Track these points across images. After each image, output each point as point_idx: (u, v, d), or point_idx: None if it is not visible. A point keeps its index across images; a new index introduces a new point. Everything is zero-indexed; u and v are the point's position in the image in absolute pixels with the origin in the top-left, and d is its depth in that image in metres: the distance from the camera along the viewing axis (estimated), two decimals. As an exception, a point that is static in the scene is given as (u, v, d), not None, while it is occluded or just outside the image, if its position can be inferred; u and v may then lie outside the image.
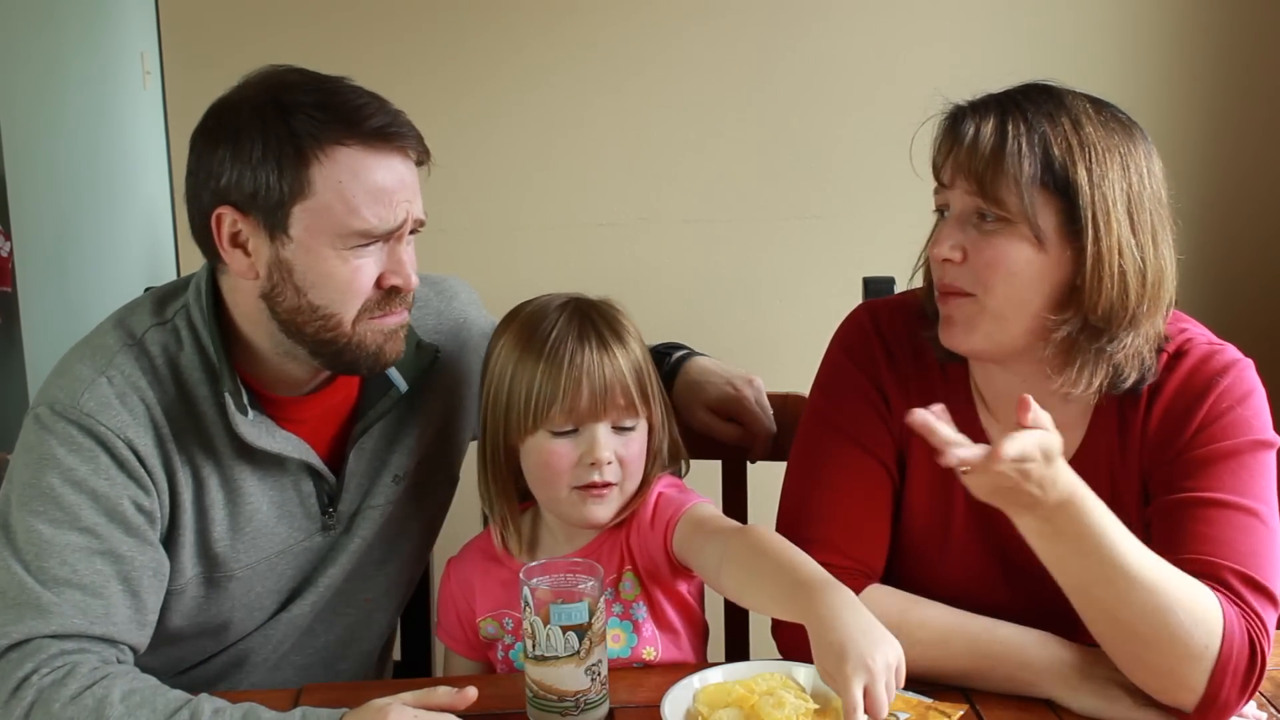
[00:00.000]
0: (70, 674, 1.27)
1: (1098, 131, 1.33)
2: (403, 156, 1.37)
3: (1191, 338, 1.41)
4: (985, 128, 1.33)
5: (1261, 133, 2.59)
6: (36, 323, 3.93)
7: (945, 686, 1.36)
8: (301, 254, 1.35)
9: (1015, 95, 1.36)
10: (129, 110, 4.97)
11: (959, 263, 1.35)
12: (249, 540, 1.46)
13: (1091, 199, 1.31)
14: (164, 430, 1.39)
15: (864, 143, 2.52)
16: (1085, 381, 1.35)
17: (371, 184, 1.34)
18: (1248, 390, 1.38)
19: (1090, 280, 1.32)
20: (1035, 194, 1.31)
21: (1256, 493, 1.33)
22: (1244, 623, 1.27)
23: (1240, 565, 1.29)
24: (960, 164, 1.34)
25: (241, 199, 1.34)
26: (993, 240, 1.33)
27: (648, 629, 1.50)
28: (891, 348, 1.49)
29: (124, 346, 1.40)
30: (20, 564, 1.32)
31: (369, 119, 1.34)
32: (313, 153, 1.32)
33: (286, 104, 1.33)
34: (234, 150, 1.34)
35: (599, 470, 1.44)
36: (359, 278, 1.36)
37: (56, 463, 1.34)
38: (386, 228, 1.35)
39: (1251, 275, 2.60)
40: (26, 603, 1.30)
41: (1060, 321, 1.34)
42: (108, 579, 1.34)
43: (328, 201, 1.33)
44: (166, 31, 2.45)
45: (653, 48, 2.49)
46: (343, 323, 1.37)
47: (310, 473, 1.49)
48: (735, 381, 1.70)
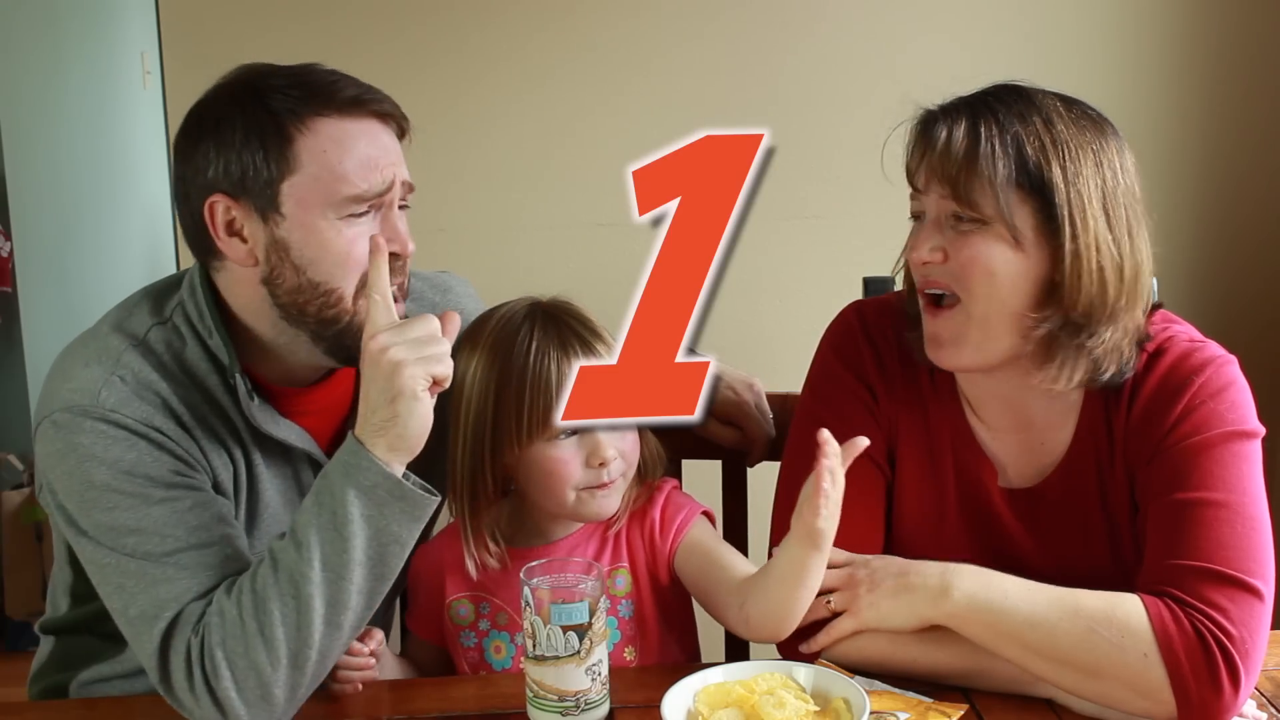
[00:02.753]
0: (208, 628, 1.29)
1: (1069, 129, 1.33)
2: (382, 123, 1.39)
3: (1173, 336, 1.41)
4: (957, 131, 1.33)
5: (1261, 133, 2.59)
6: (36, 323, 3.93)
7: (945, 686, 1.36)
8: (297, 230, 1.35)
9: (985, 97, 1.36)
10: (129, 110, 4.96)
11: (940, 263, 1.36)
12: (263, 528, 1.47)
13: (1067, 197, 1.31)
14: (185, 419, 1.39)
15: (864, 143, 2.50)
16: (1066, 377, 1.36)
17: (356, 150, 1.36)
18: (1224, 385, 1.37)
19: (1070, 277, 1.32)
20: (1011, 195, 1.32)
21: (1229, 484, 1.32)
22: (1187, 619, 1.26)
23: (1200, 561, 1.28)
24: (934, 168, 1.35)
25: (231, 185, 1.35)
26: (970, 240, 1.34)
27: (630, 628, 1.51)
28: (879, 347, 1.49)
29: (129, 346, 1.40)
30: (125, 555, 1.32)
31: (341, 90, 1.37)
32: (294, 126, 1.34)
33: (261, 88, 1.36)
34: (217, 140, 1.36)
35: (607, 470, 1.44)
36: (356, 247, 1.36)
37: (98, 459, 1.34)
38: (377, 190, 1.36)
39: (1250, 274, 2.60)
40: (156, 581, 1.31)
41: (1041, 319, 1.34)
42: (208, 527, 1.35)
43: (315, 172, 1.34)
44: (166, 31, 2.45)
45: (653, 47, 2.49)
46: (344, 298, 1.37)
47: (312, 464, 1.49)
48: (735, 386, 1.69)
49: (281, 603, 1.27)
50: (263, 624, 1.27)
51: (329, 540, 1.27)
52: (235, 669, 1.27)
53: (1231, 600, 1.27)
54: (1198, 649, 1.25)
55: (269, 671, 1.27)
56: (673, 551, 1.50)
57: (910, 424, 1.48)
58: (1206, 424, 1.35)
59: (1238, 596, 1.27)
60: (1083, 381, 1.37)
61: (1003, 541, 1.45)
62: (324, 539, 1.27)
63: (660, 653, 1.53)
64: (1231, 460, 1.34)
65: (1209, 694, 1.25)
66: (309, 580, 1.27)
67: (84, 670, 1.57)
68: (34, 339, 3.88)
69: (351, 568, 1.27)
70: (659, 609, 1.52)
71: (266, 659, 1.27)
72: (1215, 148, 2.58)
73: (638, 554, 1.51)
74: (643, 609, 1.52)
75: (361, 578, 1.28)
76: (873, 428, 1.47)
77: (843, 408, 1.48)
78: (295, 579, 1.27)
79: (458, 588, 1.53)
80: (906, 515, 1.49)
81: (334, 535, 1.27)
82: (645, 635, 1.52)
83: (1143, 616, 1.27)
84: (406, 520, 1.29)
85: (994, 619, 1.31)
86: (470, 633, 1.53)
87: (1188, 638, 1.25)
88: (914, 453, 1.48)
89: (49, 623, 1.61)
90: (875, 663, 1.38)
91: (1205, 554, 1.29)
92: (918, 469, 1.48)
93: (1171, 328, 1.43)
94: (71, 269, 4.34)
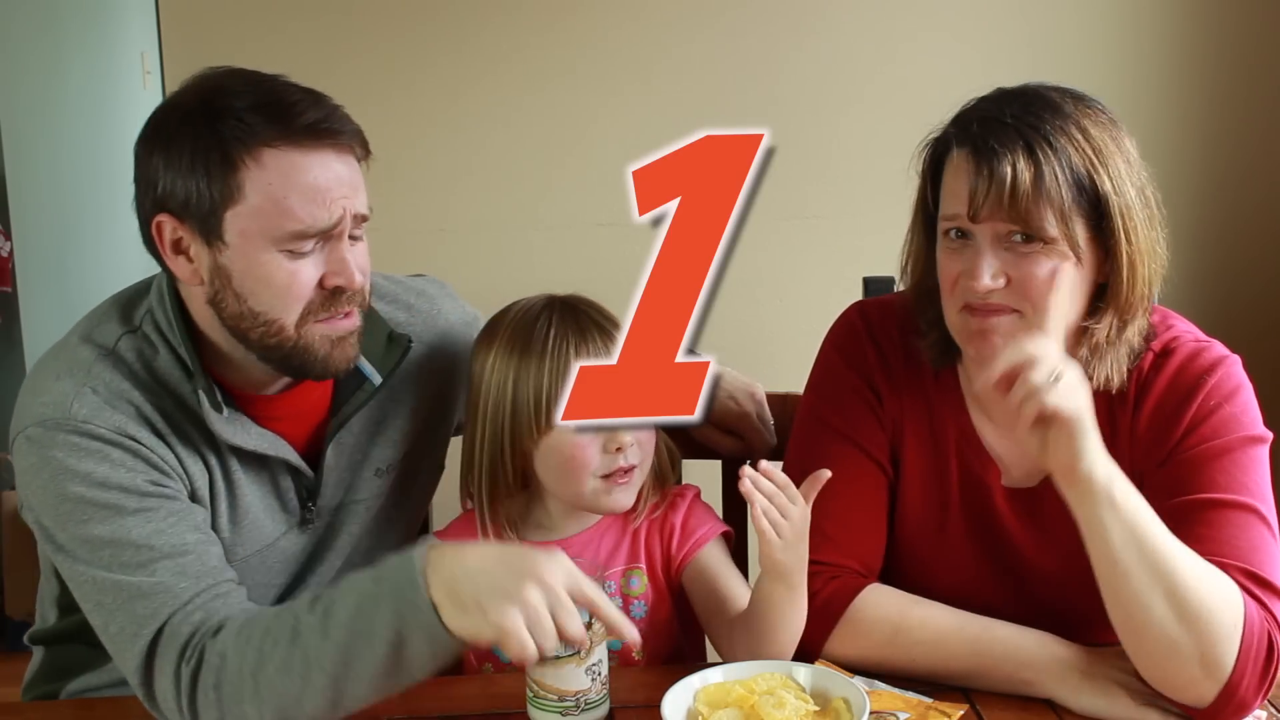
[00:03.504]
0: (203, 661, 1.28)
1: (1098, 131, 1.33)
2: (338, 153, 1.35)
3: (1178, 335, 1.41)
4: (1020, 164, 1.29)
5: (1261, 133, 2.59)
6: (36, 323, 3.92)
7: (945, 686, 1.36)
8: (239, 259, 1.33)
9: (1026, 118, 1.32)
10: (129, 110, 4.96)
11: (1002, 288, 1.33)
12: (246, 532, 1.46)
13: (1119, 206, 1.31)
14: (159, 426, 1.38)
15: (864, 142, 2.53)
16: (1106, 375, 1.36)
17: (303, 183, 1.32)
18: (1235, 386, 1.38)
19: (1126, 283, 1.32)
20: (1074, 214, 1.31)
21: (1251, 489, 1.33)
22: (1260, 613, 1.26)
23: (1244, 563, 1.29)
24: (1000, 203, 1.30)
25: (176, 206, 1.33)
26: (1034, 261, 1.31)
27: (643, 628, 1.50)
28: (883, 347, 1.49)
29: (99, 357, 1.39)
30: (101, 569, 1.32)
31: (300, 116, 1.32)
32: (239, 157, 1.30)
33: (217, 109, 1.32)
34: (166, 158, 1.33)
35: (624, 454, 1.44)
36: (297, 281, 1.34)
37: (71, 472, 1.33)
38: (321, 226, 1.33)
39: (1250, 275, 2.60)
40: (133, 597, 1.30)
41: (1096, 325, 1.34)
42: (181, 534, 1.34)
43: (258, 204, 1.31)
44: (166, 31, 2.45)
45: (653, 47, 2.49)
46: (285, 328, 1.36)
47: (289, 469, 1.48)
48: (737, 395, 1.69)
49: (287, 675, 1.25)
50: (260, 684, 1.25)
51: (355, 646, 1.24)
52: (226, 713, 1.27)
53: (1273, 604, 1.28)
54: (1265, 644, 1.26)
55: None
56: (684, 563, 1.51)
57: (914, 423, 1.48)
58: (1225, 427, 1.35)
59: (1276, 602, 1.28)
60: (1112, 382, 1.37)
61: (1004, 540, 1.45)
62: (351, 642, 1.24)
63: (672, 655, 1.53)
64: (1250, 465, 1.34)
65: (1253, 689, 1.26)
66: (322, 670, 1.25)
67: (74, 680, 1.57)
68: (34, 339, 3.88)
69: (366, 679, 1.25)
70: (673, 611, 1.53)
71: (256, 713, 1.26)
72: (1215, 148, 2.58)
73: (655, 556, 1.51)
74: (657, 610, 1.52)
75: (371, 689, 1.26)
76: (875, 427, 1.47)
77: (846, 407, 1.48)
78: (309, 660, 1.25)
79: None
80: (909, 514, 1.48)
81: (362, 644, 1.24)
82: (657, 636, 1.52)
83: (1238, 591, 1.26)
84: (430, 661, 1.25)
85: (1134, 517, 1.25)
86: None
87: (1262, 630, 1.26)
88: (917, 452, 1.48)
89: (38, 634, 1.61)
90: (875, 662, 1.38)
91: (1244, 555, 1.29)
92: (921, 468, 1.47)
93: (1175, 326, 1.43)
94: (71, 269, 4.34)
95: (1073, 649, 1.35)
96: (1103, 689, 1.32)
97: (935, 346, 1.42)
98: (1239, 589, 1.26)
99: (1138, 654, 1.29)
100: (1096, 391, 1.35)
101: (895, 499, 1.49)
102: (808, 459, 1.48)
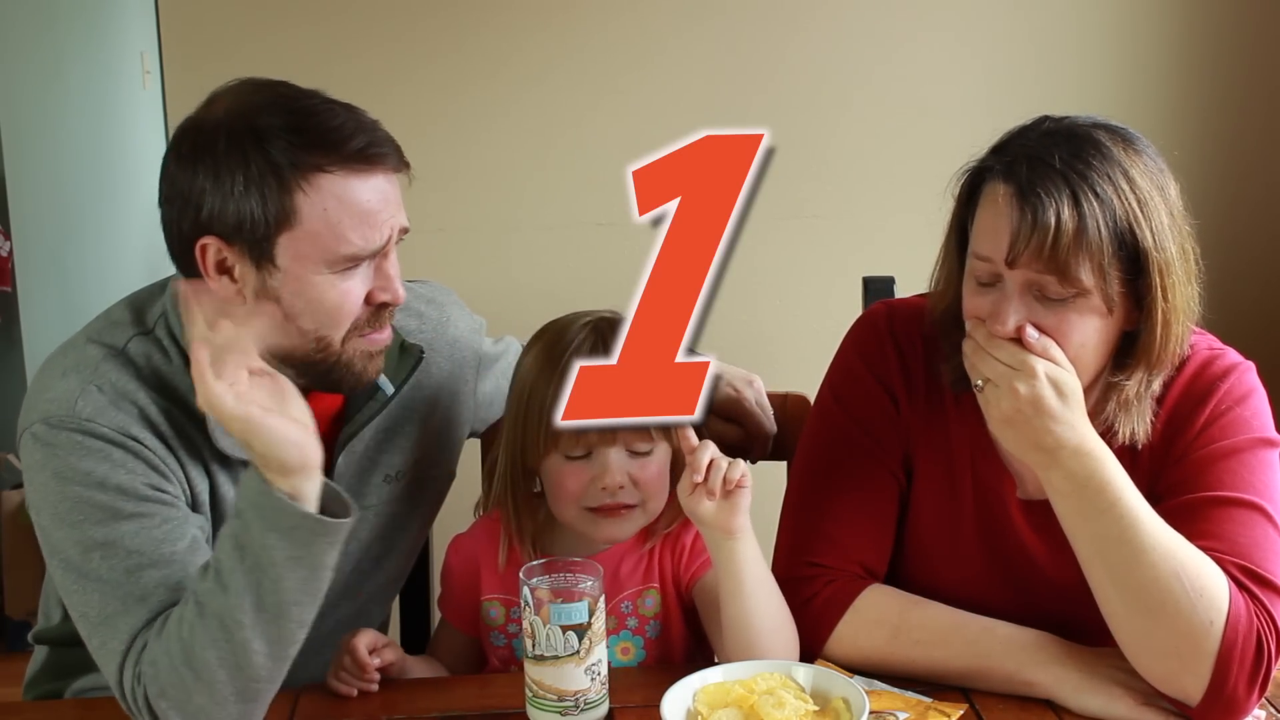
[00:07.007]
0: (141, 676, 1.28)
1: (1143, 179, 1.29)
2: (385, 173, 1.35)
3: (1193, 344, 1.40)
4: (1064, 214, 1.25)
5: (1261, 133, 2.59)
6: (36, 323, 3.92)
7: (945, 686, 1.36)
8: (290, 282, 1.33)
9: (1075, 165, 1.27)
10: (129, 110, 4.96)
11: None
12: None
13: (1159, 263, 1.28)
14: (163, 429, 1.38)
15: (863, 142, 2.52)
16: (1132, 429, 1.35)
17: (357, 207, 1.32)
18: (1247, 391, 1.38)
19: (1160, 338, 1.31)
20: (1112, 266, 1.28)
21: (1258, 488, 1.33)
22: (1251, 611, 1.26)
23: (1244, 559, 1.28)
24: (1039, 250, 1.26)
25: (225, 230, 1.32)
26: (1064, 313, 1.29)
27: (656, 649, 1.51)
28: (905, 353, 1.47)
29: (107, 357, 1.38)
30: (86, 578, 1.32)
31: (349, 140, 1.32)
32: (295, 182, 1.30)
33: (262, 129, 1.30)
34: (214, 180, 1.31)
35: (610, 495, 1.44)
36: (348, 299, 1.35)
37: (72, 472, 1.33)
38: (373, 248, 1.34)
39: (1251, 276, 2.60)
40: (114, 614, 1.30)
41: (1126, 381, 1.33)
42: (174, 544, 1.34)
43: (314, 229, 1.31)
44: (166, 31, 2.45)
45: (652, 47, 2.49)
46: (332, 343, 1.37)
47: None
48: (735, 383, 1.69)
49: (215, 648, 1.24)
50: (198, 671, 1.25)
51: (253, 578, 1.24)
52: (185, 713, 1.27)
53: (1270, 602, 1.28)
54: (1253, 642, 1.25)
55: (217, 710, 1.27)
56: (693, 580, 1.50)
57: (931, 434, 1.46)
58: (1234, 428, 1.35)
59: (1274, 600, 1.28)
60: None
61: (1018, 552, 1.44)
62: (248, 578, 1.24)
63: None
64: (1259, 466, 1.34)
65: (1243, 688, 1.25)
66: (242, 625, 1.24)
67: (77, 680, 1.56)
68: (34, 339, 3.88)
69: (286, 600, 1.25)
70: (686, 628, 1.53)
71: (210, 700, 1.26)
72: (1215, 149, 2.57)
73: (667, 575, 1.51)
74: (669, 630, 1.52)
75: (300, 605, 1.26)
76: (890, 435, 1.46)
77: (862, 411, 1.47)
78: (226, 624, 1.24)
79: (492, 588, 1.54)
80: (922, 524, 1.47)
81: (261, 577, 1.24)
82: (670, 656, 1.52)
83: (1224, 590, 1.26)
84: (329, 548, 1.26)
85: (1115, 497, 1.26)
86: (500, 634, 1.54)
87: (1250, 628, 1.25)
88: (932, 462, 1.46)
89: (42, 633, 1.60)
90: (875, 662, 1.38)
91: (1243, 551, 1.29)
92: (935, 478, 1.46)
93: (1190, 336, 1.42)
94: (71, 269, 4.34)
95: (1073, 649, 1.35)
96: (1102, 689, 1.32)
97: (957, 370, 1.38)
98: (1231, 585, 1.26)
99: (1121, 646, 1.30)
100: (1121, 446, 1.35)
101: (907, 506, 1.48)
102: (818, 460, 1.48)
